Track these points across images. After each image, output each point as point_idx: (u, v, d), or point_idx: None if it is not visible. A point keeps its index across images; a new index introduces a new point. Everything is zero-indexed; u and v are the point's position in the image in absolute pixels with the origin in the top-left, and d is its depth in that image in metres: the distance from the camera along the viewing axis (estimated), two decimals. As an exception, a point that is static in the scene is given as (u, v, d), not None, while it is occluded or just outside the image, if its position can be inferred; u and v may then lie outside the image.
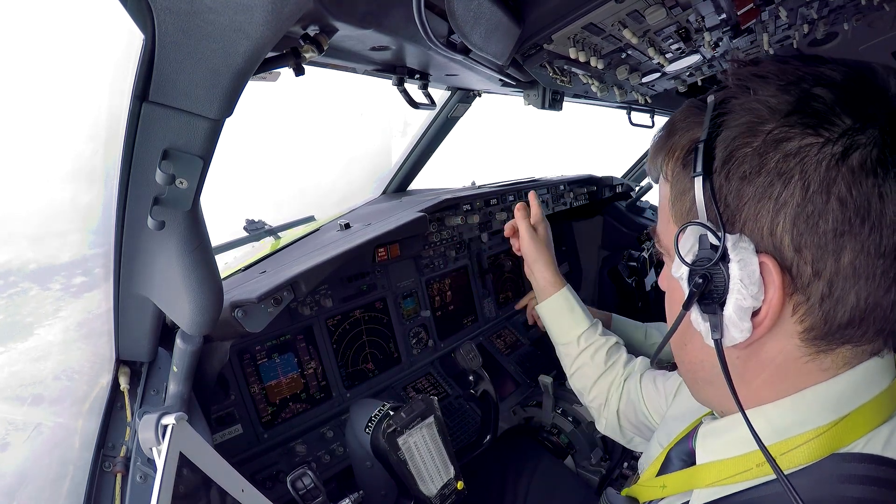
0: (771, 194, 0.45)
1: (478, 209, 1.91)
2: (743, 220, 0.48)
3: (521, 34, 0.99)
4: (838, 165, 0.43)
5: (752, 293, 0.46)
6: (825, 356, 0.50)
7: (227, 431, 1.31)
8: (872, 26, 1.83)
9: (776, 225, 0.46)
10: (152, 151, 0.67)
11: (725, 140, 0.48)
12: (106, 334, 0.97)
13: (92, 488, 0.88)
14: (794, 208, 0.44)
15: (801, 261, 0.46)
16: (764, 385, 0.53)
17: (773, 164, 0.45)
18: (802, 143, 0.44)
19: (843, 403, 0.50)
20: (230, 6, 0.53)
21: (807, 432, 0.50)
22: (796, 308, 0.48)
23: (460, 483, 1.18)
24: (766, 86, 0.48)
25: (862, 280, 0.44)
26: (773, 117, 0.46)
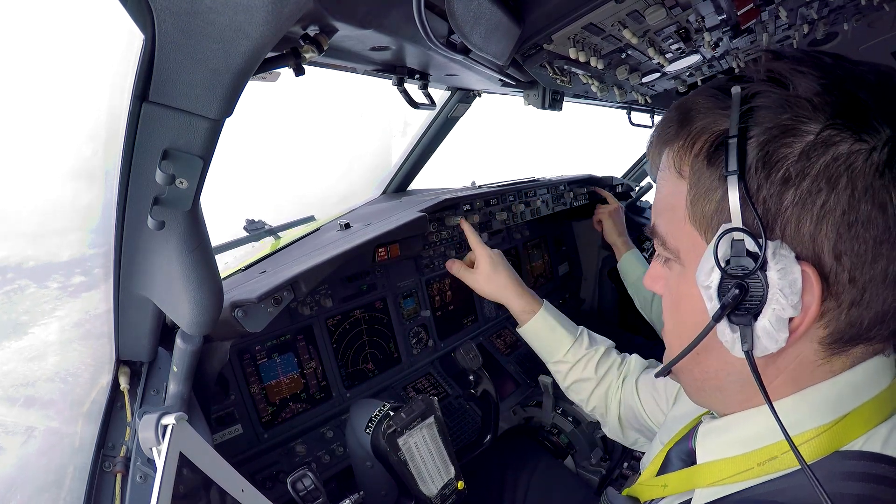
0: (816, 200, 0.43)
1: (478, 209, 1.91)
2: (783, 227, 0.45)
3: (521, 34, 0.99)
4: (884, 173, 0.42)
5: (792, 303, 0.45)
6: (838, 358, 0.49)
7: (227, 431, 1.31)
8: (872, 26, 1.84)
9: (819, 232, 0.44)
10: (152, 151, 0.67)
11: (762, 138, 0.45)
12: (104, 336, 0.96)
13: (92, 488, 0.88)
14: (839, 216, 0.43)
15: (839, 268, 0.44)
16: (773, 389, 0.52)
17: (820, 168, 0.43)
18: (851, 148, 0.42)
19: (844, 402, 0.50)
20: (230, 6, 0.53)
21: (808, 431, 0.50)
22: (825, 314, 0.47)
23: (461, 483, 1.17)
24: (807, 82, 0.45)
25: (891, 286, 0.44)
26: (817, 117, 0.43)
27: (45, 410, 0.95)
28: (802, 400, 0.51)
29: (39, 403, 0.95)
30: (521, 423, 1.90)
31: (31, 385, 0.94)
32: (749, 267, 0.45)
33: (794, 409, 0.51)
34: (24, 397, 0.93)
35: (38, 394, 0.95)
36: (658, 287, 0.63)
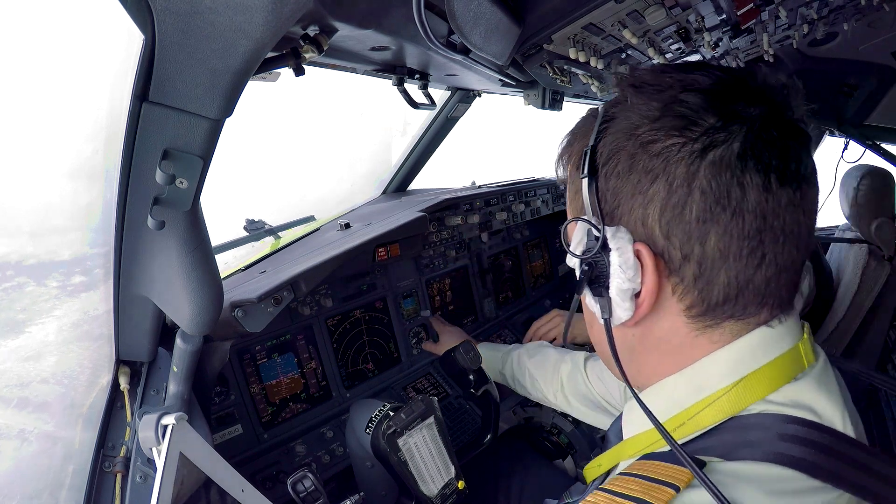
0: (641, 190, 0.52)
1: (478, 209, 1.91)
2: (620, 214, 0.54)
3: (521, 34, 0.99)
4: (699, 161, 0.48)
5: (629, 277, 0.52)
6: (712, 331, 0.54)
7: (227, 431, 1.31)
8: (872, 26, 1.84)
9: (647, 216, 0.52)
10: (152, 151, 0.67)
11: (606, 144, 0.55)
12: (102, 338, 0.95)
13: (92, 488, 0.88)
14: (661, 201, 0.50)
15: (670, 247, 0.51)
16: (663, 360, 0.58)
17: (642, 163, 0.51)
18: (666, 143, 0.50)
19: (740, 368, 0.53)
20: (230, 6, 0.53)
21: (709, 396, 0.54)
22: (675, 288, 0.53)
23: (461, 482, 1.17)
24: (640, 94, 0.54)
25: (730, 261, 0.50)
26: (644, 122, 0.52)
27: (39, 413, 0.94)
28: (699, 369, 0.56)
29: (33, 405, 0.93)
30: (521, 423, 1.90)
31: (26, 386, 0.93)
32: (594, 248, 0.54)
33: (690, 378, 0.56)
34: (18, 398, 0.91)
35: (32, 395, 0.93)
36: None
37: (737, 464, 0.49)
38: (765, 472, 0.48)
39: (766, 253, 0.49)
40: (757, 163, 0.47)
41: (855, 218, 1.88)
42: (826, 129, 2.81)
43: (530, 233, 2.42)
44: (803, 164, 0.50)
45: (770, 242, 0.49)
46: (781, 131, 0.49)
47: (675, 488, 0.46)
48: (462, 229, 1.88)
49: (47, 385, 0.95)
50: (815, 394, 0.53)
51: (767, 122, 0.49)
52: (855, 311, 1.84)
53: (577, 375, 1.30)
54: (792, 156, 0.49)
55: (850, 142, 2.67)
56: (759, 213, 0.48)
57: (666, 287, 0.53)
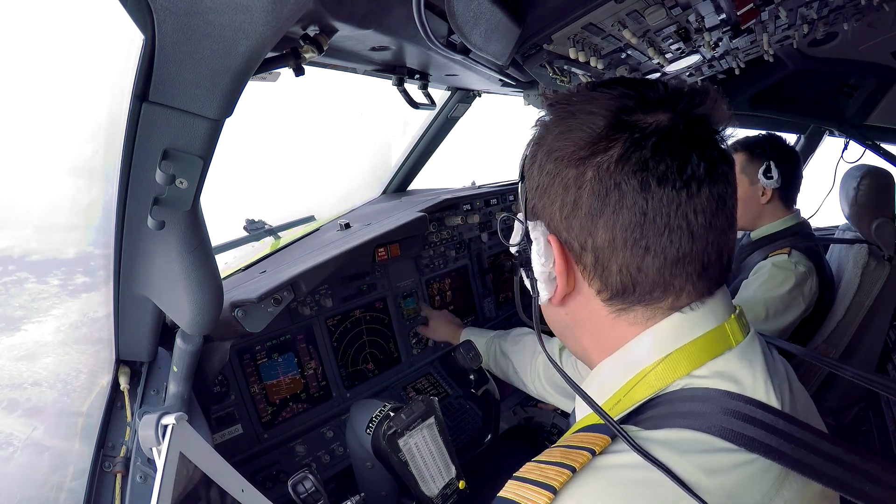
0: (547, 192, 0.60)
1: (478, 209, 1.91)
2: (538, 210, 0.63)
3: (521, 34, 0.99)
4: (585, 165, 0.56)
5: (542, 262, 0.61)
6: (626, 314, 0.61)
7: (227, 431, 1.31)
8: (872, 26, 1.84)
9: (553, 213, 0.60)
10: (152, 151, 0.67)
11: (531, 154, 0.64)
12: (101, 342, 0.93)
13: (92, 488, 0.88)
14: (560, 200, 0.59)
15: (570, 238, 0.59)
16: (595, 340, 0.65)
17: (547, 169, 0.60)
18: (562, 152, 0.58)
19: (664, 346, 0.59)
20: (230, 6, 0.53)
21: (639, 372, 0.60)
22: (583, 274, 0.61)
23: (462, 482, 1.17)
24: (551, 112, 0.62)
25: (617, 251, 0.56)
26: (551, 134, 0.60)
27: (28, 418, 0.91)
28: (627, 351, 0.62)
29: (23, 409, 0.91)
30: (521, 423, 1.90)
31: (17, 388, 0.91)
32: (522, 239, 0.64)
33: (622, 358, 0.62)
34: (8, 400, 0.89)
35: (22, 398, 0.91)
36: None
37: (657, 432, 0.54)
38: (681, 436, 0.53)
39: (651, 245, 0.55)
40: (633, 166, 0.54)
41: (855, 218, 1.88)
42: (826, 129, 2.81)
43: (530, 233, 2.42)
44: (693, 164, 0.54)
45: (653, 236, 0.55)
46: (669, 136, 0.54)
47: (591, 451, 0.52)
48: (462, 229, 1.88)
49: (39, 388, 0.93)
50: (736, 365, 0.58)
51: (656, 129, 0.54)
52: (855, 311, 1.84)
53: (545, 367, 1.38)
54: (677, 158, 0.53)
55: (850, 142, 2.67)
56: (637, 210, 0.54)
57: (577, 272, 0.62)
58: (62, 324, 0.96)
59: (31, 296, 0.92)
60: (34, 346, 0.93)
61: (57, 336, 0.96)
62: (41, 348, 0.94)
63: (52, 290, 0.94)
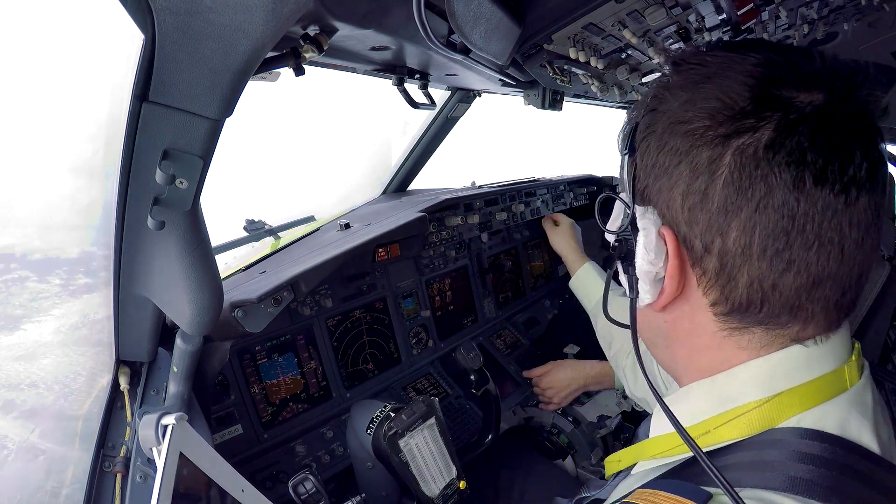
0: (667, 172, 0.50)
1: (478, 209, 1.91)
2: (650, 195, 0.52)
3: (522, 34, 0.99)
4: (723, 147, 0.45)
5: (650, 259, 0.51)
6: (740, 335, 0.51)
7: (227, 431, 1.31)
8: (872, 26, 1.84)
9: (672, 200, 0.50)
10: (152, 151, 0.67)
11: (644, 123, 0.53)
12: (100, 344, 0.92)
13: (92, 488, 0.88)
14: (684, 186, 0.48)
15: (692, 235, 0.49)
16: (693, 357, 0.56)
17: (670, 144, 0.49)
18: (693, 126, 0.47)
19: (776, 381, 0.50)
20: (230, 6, 0.53)
21: (738, 407, 0.51)
22: (699, 280, 0.51)
23: (463, 483, 1.17)
24: (678, 74, 0.52)
25: (752, 259, 0.46)
26: (677, 102, 0.50)
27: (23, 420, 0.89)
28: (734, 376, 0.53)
29: (19, 411, 0.89)
30: (521, 423, 1.90)
31: (15, 388, 0.89)
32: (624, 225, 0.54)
33: (724, 385, 0.53)
34: (4, 400, 0.87)
35: (18, 399, 0.89)
36: None
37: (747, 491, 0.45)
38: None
39: (795, 259, 0.44)
40: (787, 156, 0.42)
41: (855, 218, 1.88)
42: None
43: (530, 233, 2.42)
44: (855, 165, 0.43)
45: (799, 248, 0.44)
46: (830, 124, 0.43)
47: None
48: (462, 229, 1.88)
49: (37, 390, 0.91)
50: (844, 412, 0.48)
51: (813, 112, 0.43)
52: (855, 311, 1.85)
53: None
54: (839, 154, 0.43)
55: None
56: (786, 213, 0.43)
57: (691, 277, 0.51)
58: (62, 324, 0.96)
59: (31, 295, 0.91)
60: (33, 346, 0.92)
61: (56, 337, 0.95)
62: (40, 349, 0.93)
63: (53, 290, 0.93)
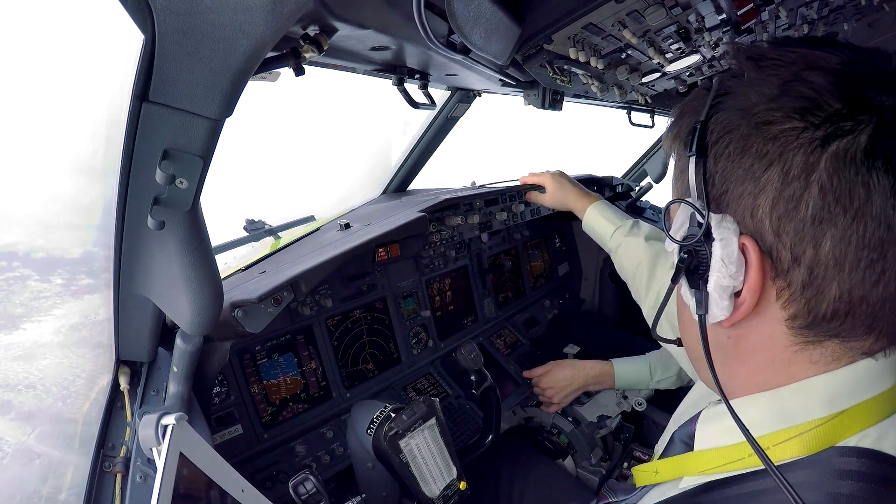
0: (753, 176, 0.46)
1: (478, 209, 1.91)
2: (728, 201, 0.48)
3: (522, 34, 0.99)
4: (820, 151, 0.42)
5: (730, 272, 0.47)
6: (813, 348, 0.49)
7: (227, 431, 1.31)
8: (872, 26, 1.83)
9: (757, 207, 0.46)
10: (152, 151, 0.67)
11: (718, 122, 0.49)
12: (100, 346, 0.91)
13: (92, 488, 0.88)
14: (774, 192, 0.45)
15: (780, 245, 0.46)
16: (757, 373, 0.53)
17: (756, 146, 0.45)
18: (784, 126, 0.44)
19: (841, 398, 0.49)
20: (230, 6, 0.53)
21: (800, 424, 0.49)
22: (780, 293, 0.48)
23: (463, 483, 1.17)
24: (758, 69, 0.48)
25: (845, 271, 0.44)
26: (761, 100, 0.46)
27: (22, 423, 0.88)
28: (798, 391, 0.51)
29: (16, 412, 0.87)
30: (521, 423, 1.90)
31: (13, 389, 0.88)
32: (696, 235, 0.49)
33: (788, 400, 0.51)
34: (1, 401, 0.86)
35: (15, 400, 0.88)
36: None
37: None
38: None
39: (887, 269, 0.43)
40: (886, 162, 0.41)
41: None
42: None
43: (530, 233, 2.42)
44: None
45: (893, 258, 0.42)
46: None
47: None
48: (462, 229, 1.88)
49: (34, 391, 0.90)
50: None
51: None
52: None
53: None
54: None
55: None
56: (883, 222, 0.41)
57: (770, 290, 0.48)
58: (62, 325, 0.94)
59: (32, 294, 0.90)
60: (32, 346, 0.91)
61: (56, 337, 0.94)
62: (39, 349, 0.92)
63: (55, 290, 0.91)
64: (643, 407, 1.76)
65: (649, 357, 1.55)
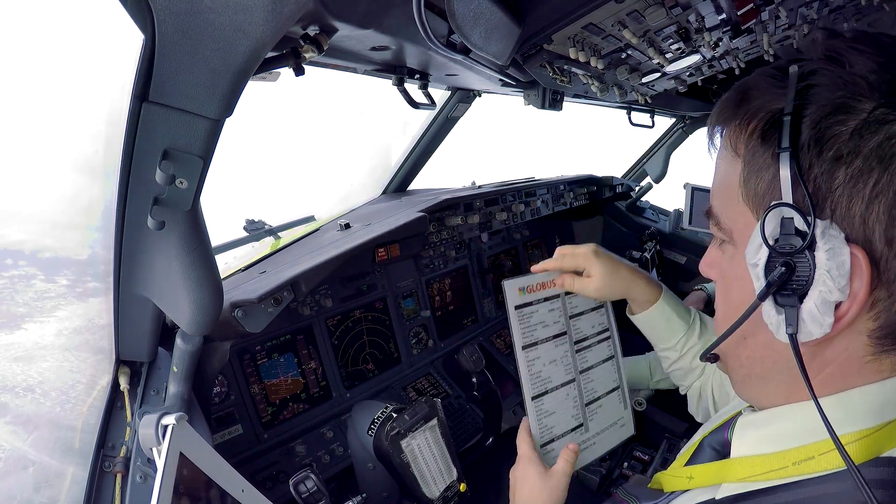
0: (867, 180, 0.42)
1: (478, 209, 1.91)
2: (833, 206, 0.44)
3: (522, 34, 0.99)
4: None
5: (839, 286, 0.43)
6: (886, 357, 0.47)
7: (227, 431, 1.31)
8: (872, 26, 1.83)
9: (870, 214, 0.42)
10: (152, 151, 0.67)
11: (815, 115, 0.44)
12: (102, 352, 0.91)
13: (92, 488, 0.88)
14: (892, 197, 0.41)
15: (890, 254, 0.43)
16: (819, 384, 0.50)
17: (873, 146, 0.41)
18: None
19: (889, 409, 0.47)
20: (230, 6, 0.53)
21: (850, 433, 0.47)
22: (875, 304, 0.45)
23: (463, 485, 1.17)
24: (864, 60, 0.44)
25: None
26: (874, 95, 0.42)
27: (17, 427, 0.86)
28: (848, 400, 0.49)
29: (12, 415, 0.86)
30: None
31: (10, 391, 0.86)
32: (797, 245, 0.44)
33: (836, 407, 0.49)
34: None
35: (13, 403, 0.86)
36: (713, 273, 0.61)
37: None
38: None
39: None
40: None
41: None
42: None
43: (530, 233, 2.42)
44: None
45: None
46: None
47: None
48: (462, 229, 1.88)
49: (32, 394, 0.88)
50: None
51: None
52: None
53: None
54: None
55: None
56: None
57: (867, 301, 0.44)
58: (65, 327, 0.93)
59: (36, 293, 0.89)
60: (33, 347, 0.90)
61: (58, 339, 0.93)
62: (40, 351, 0.90)
63: (59, 291, 0.90)
64: (643, 407, 1.76)
65: (649, 357, 1.55)
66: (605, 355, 1.16)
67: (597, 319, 1.17)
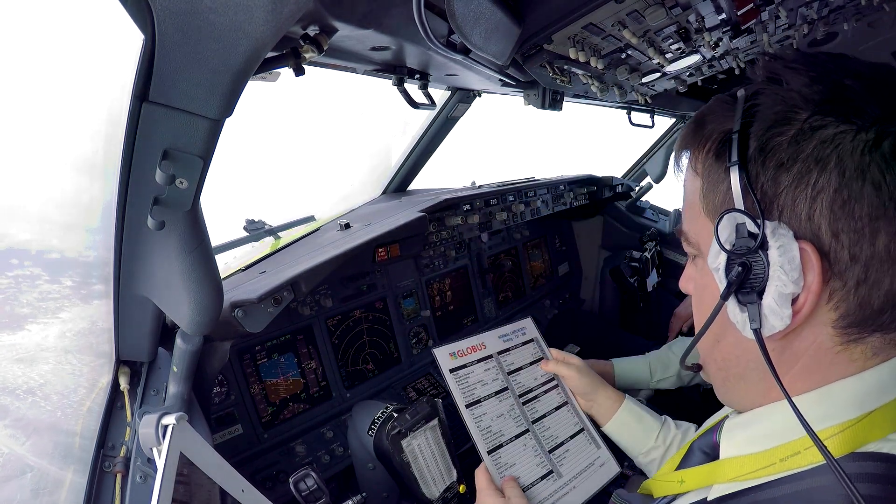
0: (808, 181, 0.46)
1: (478, 209, 1.91)
2: (780, 208, 0.48)
3: (521, 34, 0.99)
4: (872, 151, 0.44)
5: (792, 279, 0.47)
6: (855, 346, 0.50)
7: (227, 431, 1.31)
8: (872, 26, 1.83)
9: (814, 211, 0.47)
10: (152, 151, 0.67)
11: (759, 130, 0.49)
12: (105, 356, 0.90)
13: (92, 488, 0.88)
14: (832, 194, 0.46)
15: (838, 246, 0.46)
16: (795, 378, 0.53)
17: (810, 151, 0.46)
18: (837, 130, 0.46)
19: (869, 400, 0.49)
20: (230, 6, 0.53)
21: (832, 427, 0.50)
22: (832, 294, 0.48)
23: (463, 486, 1.17)
24: (797, 76, 0.49)
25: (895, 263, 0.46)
26: (807, 106, 0.47)
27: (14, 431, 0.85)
28: (827, 395, 0.51)
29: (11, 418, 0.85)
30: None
31: (10, 393, 0.85)
32: (751, 246, 0.48)
33: (818, 403, 0.51)
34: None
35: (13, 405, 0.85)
36: (690, 287, 0.66)
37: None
38: None
39: None
40: None
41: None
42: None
43: (530, 233, 2.42)
44: None
45: None
46: None
47: None
48: (462, 229, 1.88)
49: (33, 397, 0.88)
50: None
51: None
52: None
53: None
54: None
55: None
56: None
57: (824, 293, 0.48)
58: (68, 329, 0.92)
59: (40, 294, 0.88)
60: (35, 348, 0.89)
61: (61, 342, 0.92)
62: (42, 353, 0.90)
63: (64, 292, 0.89)
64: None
65: (649, 357, 1.55)
66: (556, 403, 1.21)
67: (538, 372, 1.23)
